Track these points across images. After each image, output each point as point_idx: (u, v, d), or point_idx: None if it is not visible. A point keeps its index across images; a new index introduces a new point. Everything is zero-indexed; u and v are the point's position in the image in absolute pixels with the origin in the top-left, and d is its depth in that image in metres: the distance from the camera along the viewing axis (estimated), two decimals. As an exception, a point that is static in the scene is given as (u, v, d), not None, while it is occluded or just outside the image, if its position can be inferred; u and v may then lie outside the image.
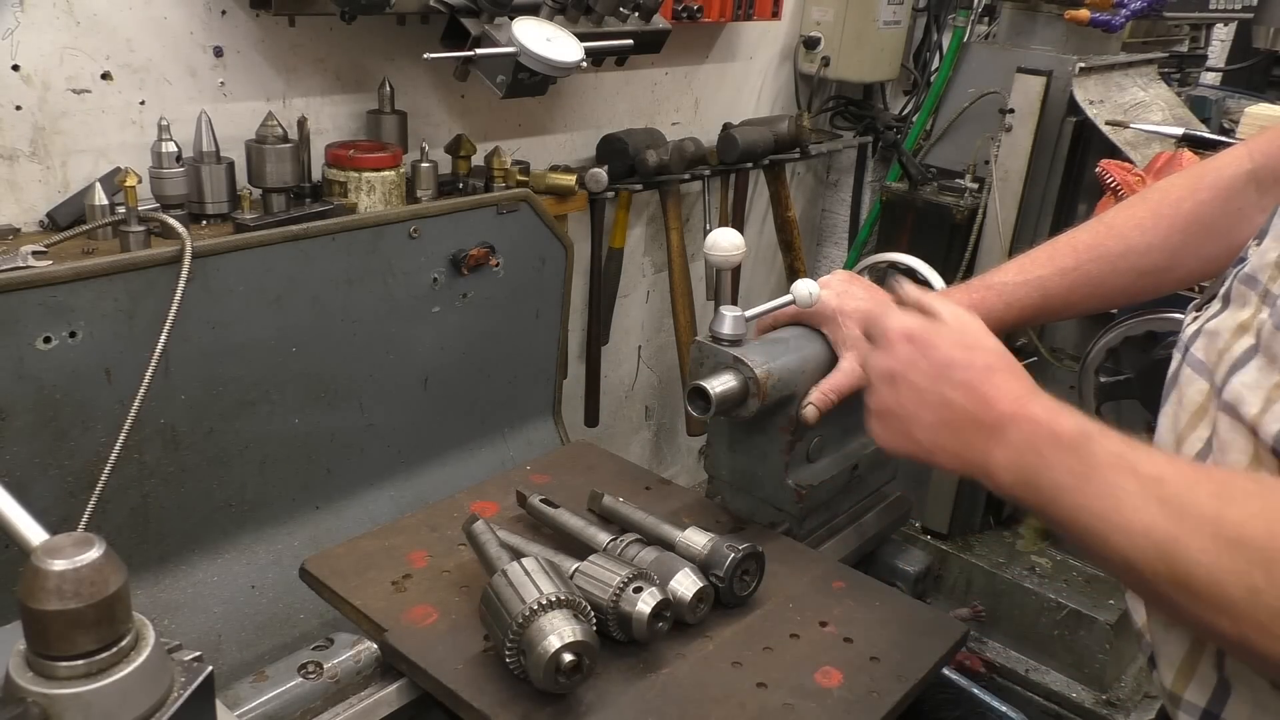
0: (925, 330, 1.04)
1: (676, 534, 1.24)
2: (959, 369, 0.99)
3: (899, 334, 1.04)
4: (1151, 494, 0.82)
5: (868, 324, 1.12)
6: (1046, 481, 0.89)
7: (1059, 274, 1.32)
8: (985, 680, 2.54)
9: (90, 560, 0.63)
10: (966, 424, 0.98)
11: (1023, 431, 0.93)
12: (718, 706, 1.08)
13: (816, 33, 3.13)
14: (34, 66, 1.65)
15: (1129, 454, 0.86)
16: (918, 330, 1.04)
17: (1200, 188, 1.27)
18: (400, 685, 1.15)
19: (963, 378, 0.99)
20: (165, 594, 1.65)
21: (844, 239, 3.63)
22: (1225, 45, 4.08)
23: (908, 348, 1.03)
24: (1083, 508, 0.86)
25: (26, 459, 1.45)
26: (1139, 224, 1.29)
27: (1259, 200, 1.23)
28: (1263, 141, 1.25)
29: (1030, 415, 0.94)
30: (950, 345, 1.02)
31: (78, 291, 1.45)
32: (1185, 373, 1.01)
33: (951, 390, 0.99)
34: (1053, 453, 0.90)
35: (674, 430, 3.40)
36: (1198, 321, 1.03)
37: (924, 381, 1.01)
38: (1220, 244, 1.26)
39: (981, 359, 1.00)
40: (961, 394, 0.98)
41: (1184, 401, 0.99)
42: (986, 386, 0.98)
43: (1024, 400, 0.95)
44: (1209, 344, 0.98)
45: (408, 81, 2.15)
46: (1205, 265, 1.29)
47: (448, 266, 1.93)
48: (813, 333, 1.39)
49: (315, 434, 1.81)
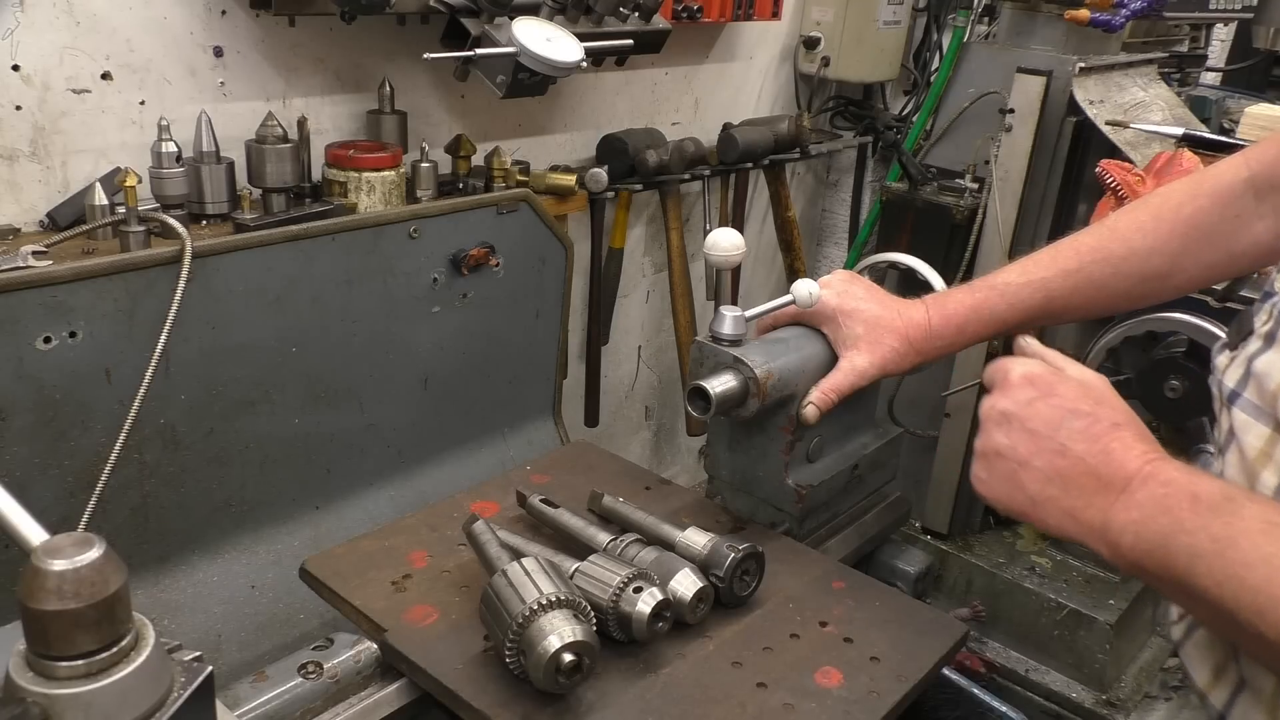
0: (1049, 375, 0.98)
1: (676, 534, 1.24)
2: (1082, 418, 0.93)
3: (1020, 376, 0.99)
4: None
5: (991, 371, 1.04)
6: (1181, 548, 0.81)
7: (1062, 275, 1.31)
8: (985, 680, 2.54)
9: (90, 560, 0.63)
10: (1085, 478, 0.90)
11: (1153, 492, 0.86)
12: (718, 706, 1.08)
13: (816, 33, 3.13)
14: (34, 66, 1.65)
15: None
16: (1041, 374, 0.98)
17: (1200, 194, 1.27)
18: (400, 685, 1.15)
19: (1085, 428, 0.92)
20: (165, 594, 1.65)
21: (844, 239, 3.63)
22: (1225, 45, 4.08)
23: (1028, 390, 0.97)
24: (1231, 578, 0.78)
25: (26, 459, 1.46)
26: (1140, 227, 1.29)
27: (1256, 207, 1.24)
28: (1260, 150, 1.26)
29: (1163, 475, 0.87)
30: (1074, 394, 0.96)
31: (78, 291, 1.45)
32: (1239, 420, 0.97)
33: (1071, 439, 0.92)
34: (1191, 516, 0.82)
35: (674, 430, 3.40)
36: (1235, 363, 1.01)
37: (1041, 426, 0.94)
38: (1219, 251, 1.26)
39: (1107, 413, 0.94)
40: (1083, 444, 0.91)
41: (1245, 450, 0.95)
42: (1111, 440, 0.91)
43: (1154, 459, 0.88)
44: (1260, 386, 0.95)
45: (408, 81, 2.15)
46: (1205, 272, 1.30)
47: (448, 266, 1.93)
48: (813, 332, 1.40)
49: (315, 434, 1.81)
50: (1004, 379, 1.00)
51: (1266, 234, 1.24)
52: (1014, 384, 0.99)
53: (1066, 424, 0.93)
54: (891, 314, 1.35)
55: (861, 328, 1.34)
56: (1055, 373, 0.99)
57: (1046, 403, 0.95)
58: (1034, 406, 0.96)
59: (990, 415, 1.00)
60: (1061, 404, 0.95)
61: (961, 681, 1.34)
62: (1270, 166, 1.22)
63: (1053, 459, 0.92)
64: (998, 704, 1.32)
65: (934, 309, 1.36)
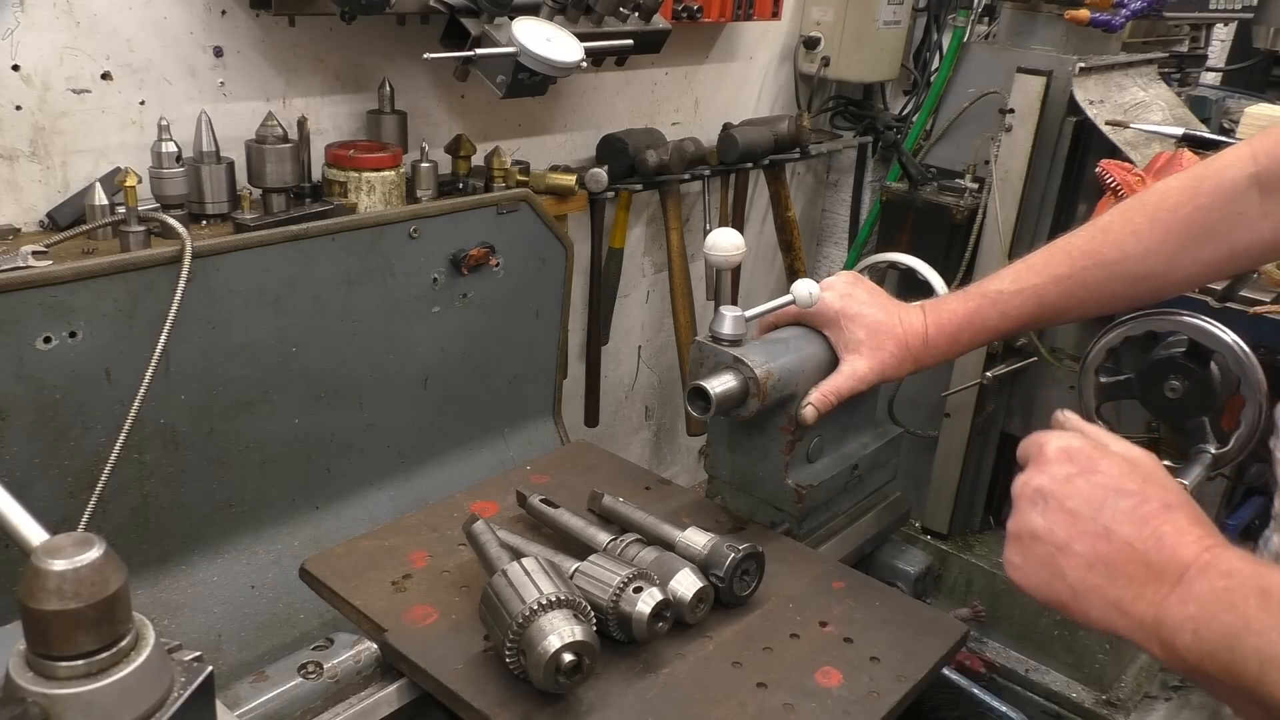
0: (1090, 450, 0.89)
1: (676, 534, 1.24)
2: (1128, 497, 0.83)
3: (1058, 451, 0.89)
4: None
5: (1025, 445, 0.95)
6: (1249, 650, 0.72)
7: (1054, 282, 1.30)
8: (985, 680, 2.54)
9: (90, 560, 0.63)
10: (1133, 565, 0.81)
11: (1214, 584, 0.77)
12: (718, 706, 1.08)
13: (816, 33, 3.13)
14: (34, 66, 1.65)
15: None
16: (1080, 449, 0.89)
17: (1200, 192, 1.24)
18: (400, 685, 1.15)
19: (1132, 508, 0.83)
20: (165, 594, 1.65)
21: (844, 239, 3.63)
22: (1225, 45, 4.08)
23: (1066, 466, 0.88)
24: None
25: (26, 459, 1.46)
26: (1135, 230, 1.27)
27: (1261, 204, 1.21)
28: (1268, 143, 1.22)
29: (1225, 565, 0.77)
30: (1118, 471, 0.86)
31: (78, 291, 1.45)
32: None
33: (1117, 521, 0.82)
34: (1260, 614, 0.73)
35: (674, 430, 3.40)
36: None
37: (1082, 506, 0.85)
38: (1221, 248, 1.24)
39: (1157, 493, 0.84)
40: (1130, 527, 0.82)
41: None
42: (1163, 523, 0.81)
43: (1213, 546, 0.79)
44: None
45: (408, 81, 2.15)
46: (1205, 270, 1.28)
47: (448, 266, 1.93)
48: (813, 333, 1.39)
49: (315, 434, 1.81)
50: (1039, 454, 0.91)
51: (1270, 232, 1.21)
52: (1051, 459, 0.89)
53: (1111, 504, 0.84)
54: (893, 320, 1.35)
55: (863, 333, 1.34)
56: (1097, 447, 0.89)
57: (1087, 480, 0.86)
58: (1073, 484, 0.86)
59: (1024, 493, 0.90)
60: (1104, 481, 0.85)
61: (961, 681, 1.34)
62: (1278, 161, 1.19)
63: (1095, 543, 0.83)
64: (998, 704, 1.33)
65: (931, 317, 1.35)
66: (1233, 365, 1.68)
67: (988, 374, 2.56)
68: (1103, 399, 2.12)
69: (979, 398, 2.66)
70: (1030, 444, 0.94)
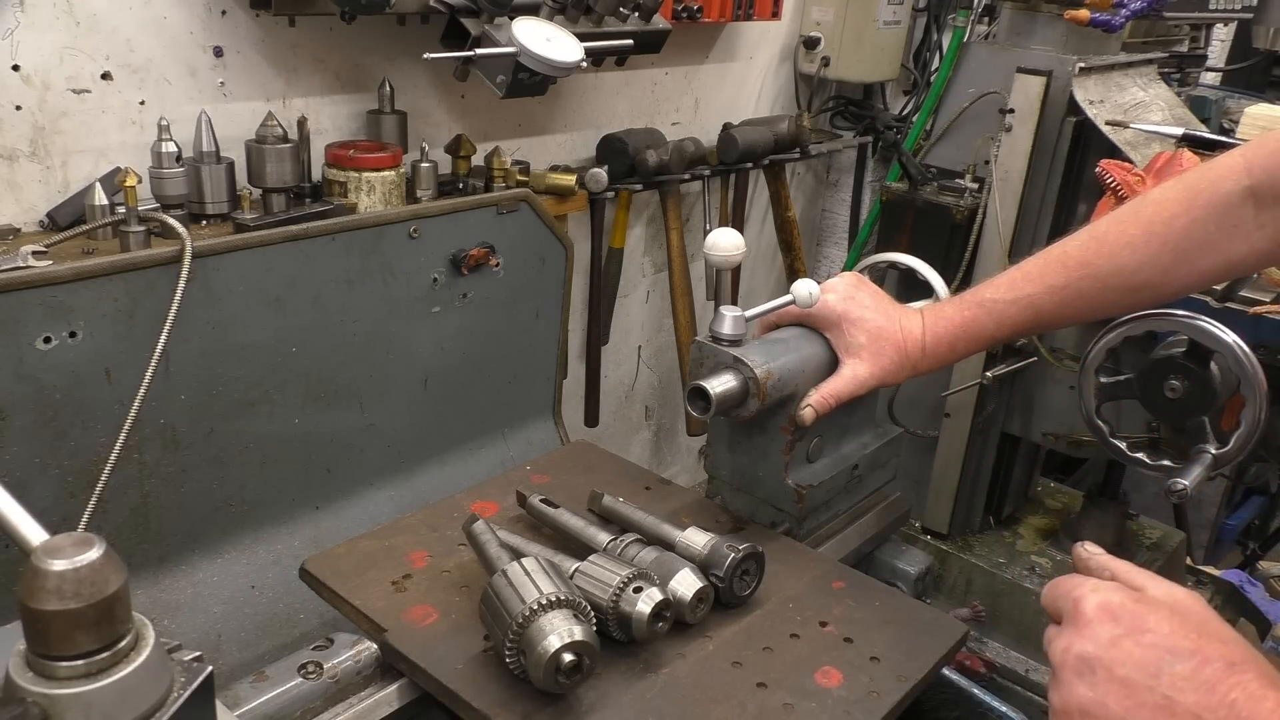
0: (1133, 605, 0.80)
1: (676, 534, 1.24)
2: (1186, 659, 0.75)
3: (1098, 609, 0.80)
4: None
5: (1053, 596, 0.87)
6: None
7: (1049, 291, 1.30)
8: (985, 680, 2.54)
9: (90, 560, 0.63)
10: None
11: None
12: (718, 706, 1.08)
13: (816, 33, 3.13)
14: (34, 66, 1.65)
15: None
16: (1122, 603, 0.80)
17: (1195, 205, 1.23)
18: (400, 685, 1.15)
19: (1193, 672, 0.74)
20: (165, 594, 1.65)
21: (844, 239, 3.63)
22: (1225, 45, 4.08)
23: (1110, 626, 0.79)
24: None
25: (26, 459, 1.45)
26: (1129, 242, 1.27)
27: (1256, 216, 1.20)
28: (1263, 155, 1.21)
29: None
30: (1170, 627, 0.77)
31: (78, 291, 1.45)
32: None
33: (1177, 689, 0.74)
34: None
35: (674, 430, 3.40)
36: None
37: (1136, 673, 0.76)
38: (1216, 259, 1.24)
39: (1218, 650, 0.76)
40: (1194, 695, 0.73)
41: None
42: (1231, 689, 0.73)
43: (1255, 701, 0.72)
44: None
45: (408, 81, 2.15)
46: (1200, 279, 1.28)
47: (448, 266, 1.93)
48: (813, 333, 1.39)
49: (315, 434, 1.81)
50: (1076, 613, 0.81)
51: (1265, 242, 1.21)
52: (1090, 618, 0.80)
53: (1168, 668, 0.75)
54: (893, 325, 1.35)
55: (865, 337, 1.34)
56: (1140, 600, 0.80)
57: (1136, 641, 0.77)
58: (1121, 647, 0.77)
59: (1067, 662, 0.80)
60: (1157, 641, 0.77)
61: (961, 681, 1.34)
62: (1274, 174, 1.18)
63: (1157, 716, 0.74)
64: (998, 704, 1.33)
65: (929, 325, 1.35)
66: (1233, 365, 1.68)
67: (988, 374, 2.56)
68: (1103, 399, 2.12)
69: (979, 398, 2.66)
70: (1062, 597, 0.85)
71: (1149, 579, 0.83)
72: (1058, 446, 2.68)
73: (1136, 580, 0.83)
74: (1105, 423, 2.09)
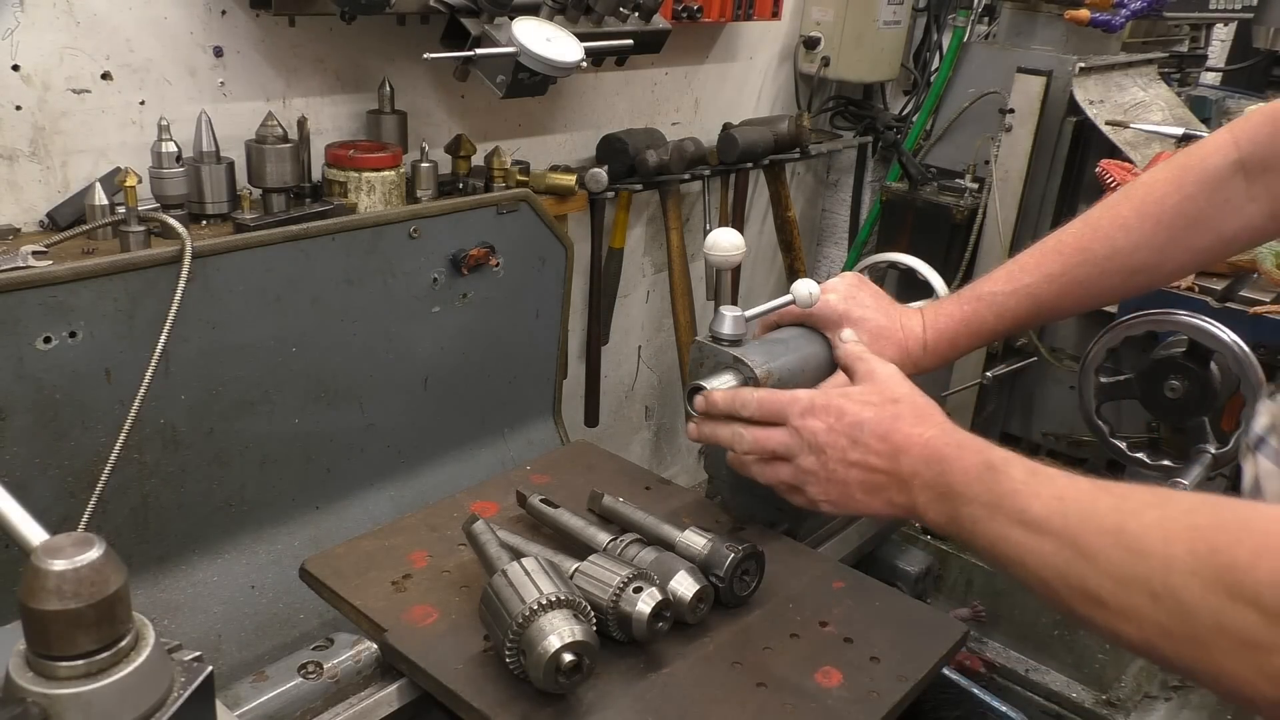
0: (828, 399, 1.14)
1: (676, 534, 1.24)
2: (868, 427, 1.09)
3: (805, 408, 1.15)
4: (1056, 513, 0.86)
5: (765, 412, 1.20)
6: (965, 516, 0.95)
7: (1047, 280, 1.31)
8: (985, 680, 2.54)
9: (90, 560, 0.63)
10: (889, 480, 1.07)
11: (934, 472, 1.01)
12: (718, 706, 1.08)
13: (816, 33, 3.13)
14: (34, 66, 1.65)
15: (1033, 479, 0.91)
16: (821, 401, 1.14)
17: (1186, 182, 1.24)
18: (400, 685, 1.15)
19: (874, 436, 1.08)
20: (165, 594, 1.65)
21: (844, 239, 3.63)
22: (1225, 45, 4.08)
23: (816, 421, 1.13)
24: (999, 537, 0.91)
25: (26, 459, 1.45)
26: (1123, 224, 1.27)
27: (1247, 189, 1.21)
28: (1249, 128, 1.22)
29: (938, 455, 1.01)
30: (859, 406, 1.12)
31: (78, 291, 1.45)
32: (1265, 467, 0.99)
33: (866, 452, 1.08)
34: (965, 487, 0.96)
35: (674, 430, 3.40)
36: (1266, 411, 1.01)
37: (844, 450, 1.10)
38: (1210, 236, 1.25)
39: (889, 410, 1.10)
40: (876, 455, 1.07)
41: (1268, 499, 0.97)
42: (896, 437, 1.06)
43: (931, 442, 1.03)
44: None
45: (408, 81, 2.15)
46: (1196, 257, 1.29)
47: (448, 266, 1.93)
48: (813, 333, 1.39)
49: (315, 434, 1.81)
50: (791, 414, 1.17)
51: (1258, 215, 1.22)
52: (804, 416, 1.15)
53: (859, 439, 1.10)
54: (894, 325, 1.35)
55: (865, 337, 1.34)
56: (828, 392, 1.18)
57: (839, 426, 1.12)
58: (832, 434, 1.12)
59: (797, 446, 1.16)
60: (851, 419, 1.12)
61: (961, 681, 1.34)
62: (1262, 147, 1.20)
63: (864, 473, 1.10)
64: (998, 704, 1.33)
65: (929, 322, 1.35)
66: (1233, 365, 1.68)
67: (988, 374, 2.56)
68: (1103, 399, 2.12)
69: (979, 398, 2.66)
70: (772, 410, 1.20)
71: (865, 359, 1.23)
72: (1058, 446, 2.68)
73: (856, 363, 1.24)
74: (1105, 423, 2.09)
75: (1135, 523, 0.80)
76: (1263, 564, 0.72)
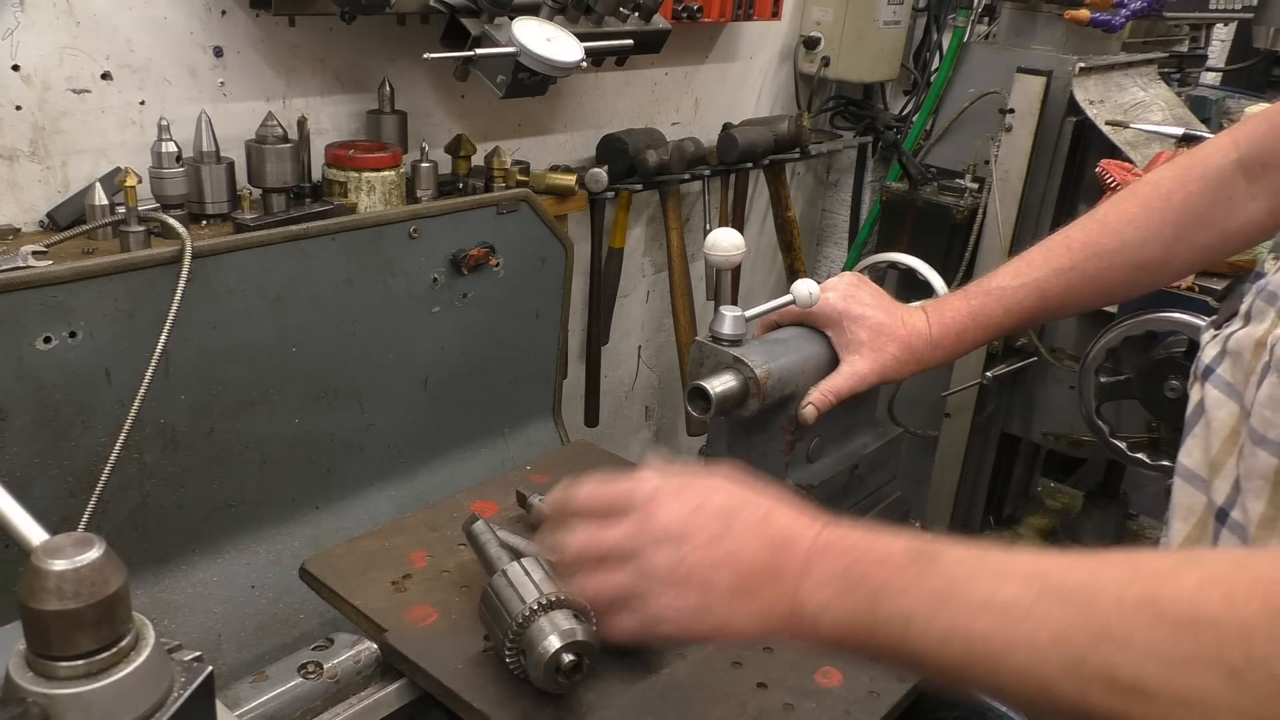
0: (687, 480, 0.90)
1: (676, 534, 1.24)
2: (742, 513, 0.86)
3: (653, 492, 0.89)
4: (1044, 592, 0.67)
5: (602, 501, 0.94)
6: (889, 613, 0.73)
7: (1055, 275, 1.31)
8: (985, 680, 2.53)
9: (90, 560, 0.63)
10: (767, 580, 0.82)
11: (838, 564, 0.79)
12: (718, 706, 1.08)
13: (816, 33, 3.13)
14: (34, 66, 1.65)
15: (987, 558, 0.72)
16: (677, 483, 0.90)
17: (1189, 179, 1.26)
18: (400, 685, 1.15)
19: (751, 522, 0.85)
20: (165, 594, 1.65)
21: (844, 239, 3.63)
22: (1225, 45, 4.08)
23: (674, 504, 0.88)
24: (953, 634, 0.70)
25: (26, 459, 1.46)
26: (1131, 219, 1.29)
27: (1248, 188, 1.23)
28: (1247, 129, 1.25)
29: (841, 544, 0.80)
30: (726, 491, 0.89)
31: (78, 291, 1.45)
32: (1212, 396, 0.91)
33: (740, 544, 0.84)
34: (887, 578, 0.74)
35: (674, 430, 3.40)
36: (1215, 341, 0.98)
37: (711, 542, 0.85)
38: (1213, 233, 1.26)
39: (762, 498, 0.88)
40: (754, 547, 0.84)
41: (1213, 427, 0.91)
42: (778, 525, 0.85)
43: (826, 531, 0.83)
44: (1235, 364, 0.91)
45: (408, 81, 2.15)
46: (1200, 254, 1.30)
47: (448, 266, 1.93)
48: (813, 333, 1.39)
49: (315, 434, 1.81)
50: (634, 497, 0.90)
51: (1260, 213, 1.23)
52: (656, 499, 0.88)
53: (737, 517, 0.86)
54: (895, 321, 1.35)
55: (865, 334, 1.34)
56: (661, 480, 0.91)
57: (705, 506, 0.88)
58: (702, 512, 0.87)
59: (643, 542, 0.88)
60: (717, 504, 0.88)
61: (961, 681, 1.33)
62: (1259, 146, 1.21)
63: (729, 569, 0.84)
64: (998, 704, 1.32)
65: (934, 317, 1.36)
66: (1233, 365, 1.68)
67: (988, 374, 2.56)
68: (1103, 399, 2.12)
69: (979, 398, 2.66)
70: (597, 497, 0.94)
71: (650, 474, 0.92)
72: (1058, 446, 2.68)
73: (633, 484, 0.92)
74: (1105, 423, 2.10)
75: (1172, 588, 0.63)
76: None
